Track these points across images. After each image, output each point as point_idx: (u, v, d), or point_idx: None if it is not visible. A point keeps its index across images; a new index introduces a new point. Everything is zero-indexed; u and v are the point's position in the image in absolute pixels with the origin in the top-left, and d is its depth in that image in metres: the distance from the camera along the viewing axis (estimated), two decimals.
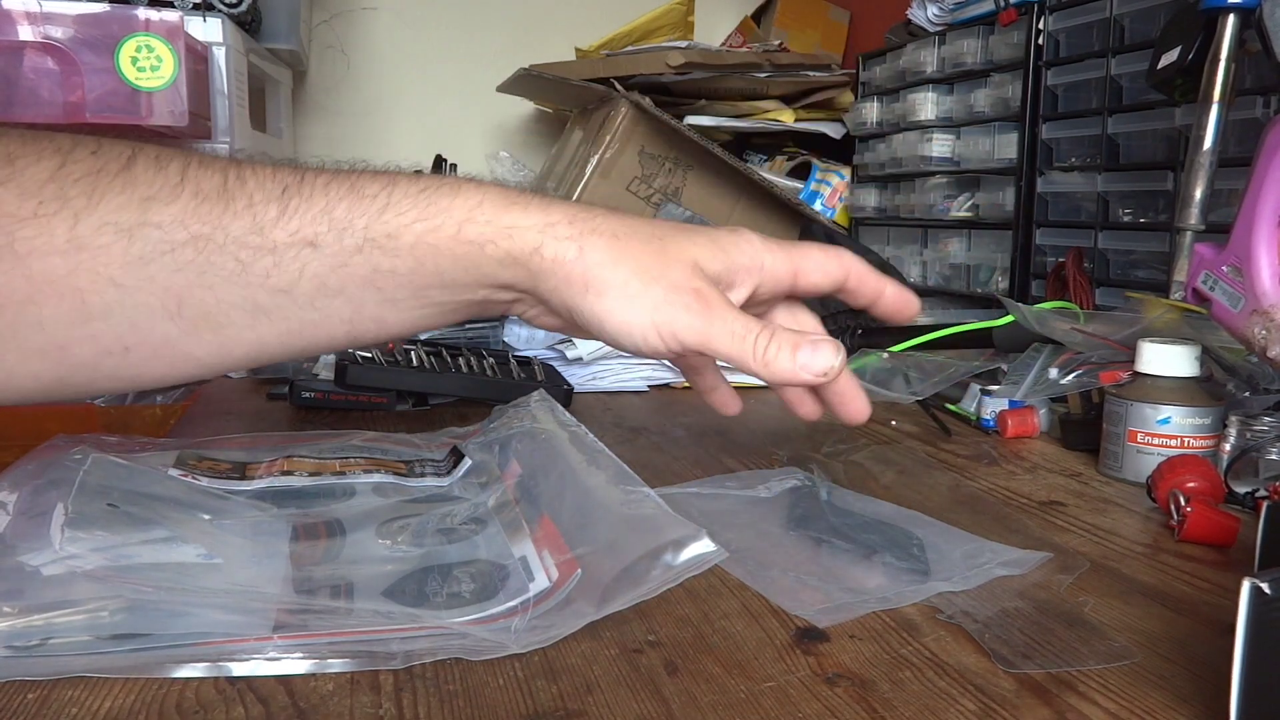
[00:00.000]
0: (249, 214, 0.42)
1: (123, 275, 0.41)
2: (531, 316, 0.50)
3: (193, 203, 0.41)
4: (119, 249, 0.40)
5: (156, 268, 0.41)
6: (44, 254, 0.39)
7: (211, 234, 0.41)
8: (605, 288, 0.45)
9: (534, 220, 0.45)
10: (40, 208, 0.39)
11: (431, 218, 0.44)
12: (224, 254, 0.41)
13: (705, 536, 0.45)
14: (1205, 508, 0.59)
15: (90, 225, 0.40)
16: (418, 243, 0.44)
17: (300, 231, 0.42)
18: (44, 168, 0.39)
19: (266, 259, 0.42)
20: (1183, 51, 0.80)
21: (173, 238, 0.41)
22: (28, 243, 0.39)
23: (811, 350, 0.47)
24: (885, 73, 1.61)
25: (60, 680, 0.40)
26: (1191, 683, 0.42)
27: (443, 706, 0.39)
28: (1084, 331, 0.87)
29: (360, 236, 0.43)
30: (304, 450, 0.69)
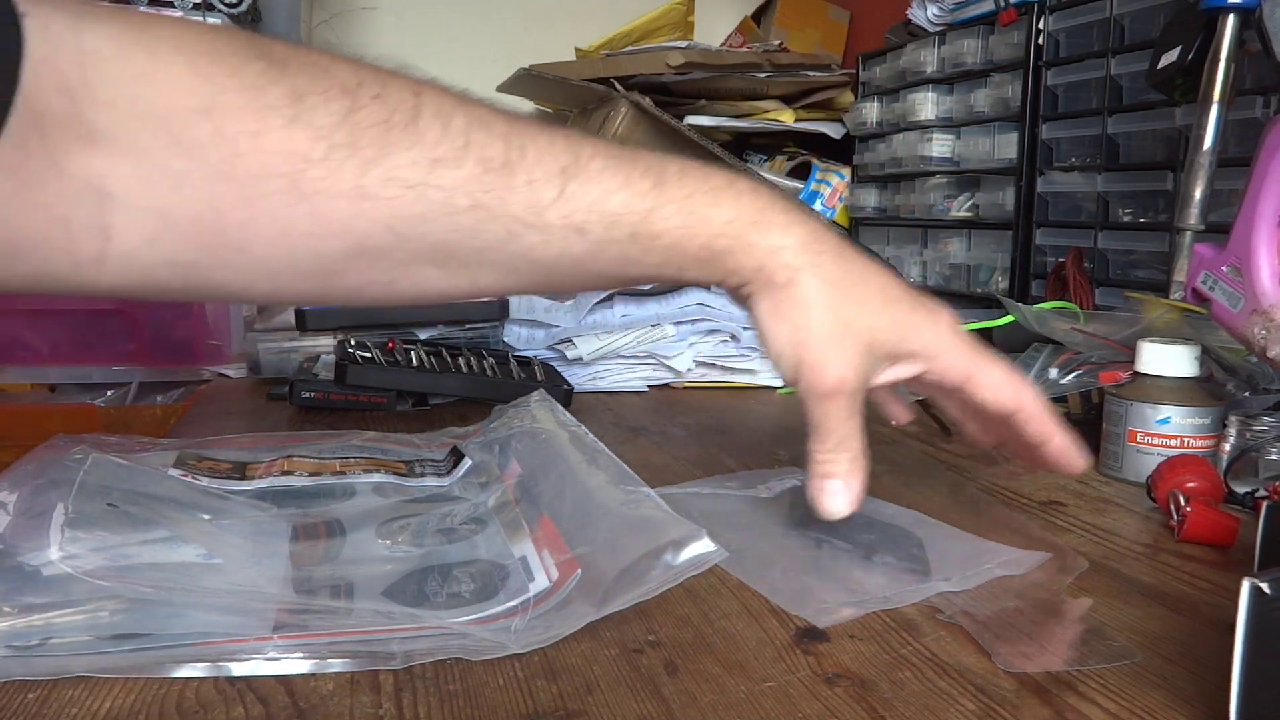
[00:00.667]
0: (528, 191, 0.44)
1: (402, 226, 0.42)
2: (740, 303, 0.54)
3: (477, 170, 0.43)
4: (402, 203, 0.42)
5: (434, 225, 0.43)
6: (329, 196, 0.40)
7: (490, 204, 0.43)
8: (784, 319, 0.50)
9: (771, 242, 0.49)
10: (331, 151, 0.40)
11: (692, 226, 0.48)
12: (498, 224, 0.44)
13: (705, 536, 0.45)
14: (1205, 508, 0.59)
15: (377, 177, 0.41)
16: (674, 245, 0.48)
17: (572, 217, 0.45)
18: (334, 110, 0.40)
19: (536, 235, 0.45)
20: (1183, 51, 0.80)
21: (455, 203, 0.43)
22: (315, 183, 0.40)
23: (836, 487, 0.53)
24: (885, 73, 1.61)
25: (60, 680, 0.40)
26: (1191, 683, 0.42)
27: (443, 706, 0.39)
28: (1084, 331, 0.87)
29: (625, 233, 0.46)
30: (304, 450, 0.69)
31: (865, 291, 0.51)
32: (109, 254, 0.39)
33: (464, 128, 0.43)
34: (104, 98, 0.36)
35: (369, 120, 0.40)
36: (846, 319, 0.50)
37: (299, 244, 0.41)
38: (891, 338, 0.52)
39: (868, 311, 0.51)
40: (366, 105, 0.41)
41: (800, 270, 0.50)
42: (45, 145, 0.36)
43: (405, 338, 1.01)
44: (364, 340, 0.95)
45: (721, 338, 1.07)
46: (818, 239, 0.51)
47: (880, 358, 0.52)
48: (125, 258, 0.39)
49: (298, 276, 0.43)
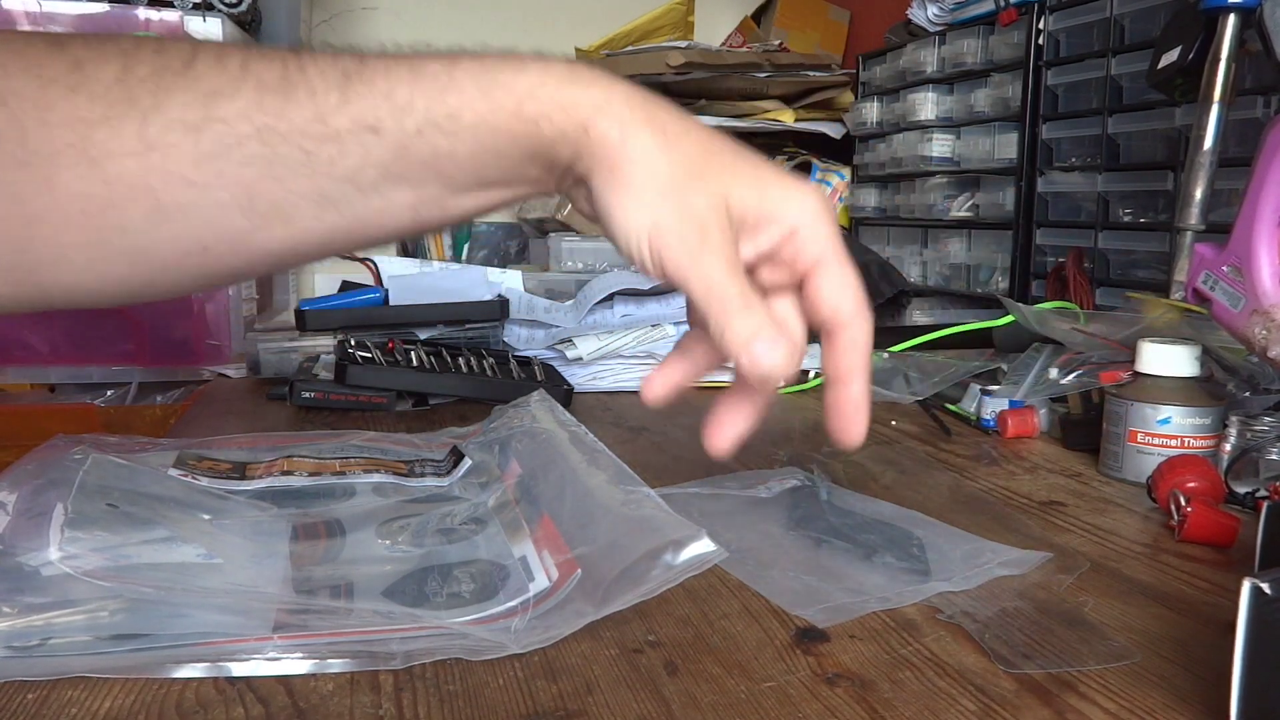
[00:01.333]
0: (311, 103, 0.42)
1: (194, 173, 0.41)
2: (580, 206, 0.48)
3: (255, 95, 0.41)
4: (188, 146, 0.41)
5: (225, 162, 0.42)
6: (117, 156, 0.40)
7: (275, 125, 0.42)
8: (627, 181, 0.44)
9: (593, 97, 0.44)
10: (110, 110, 0.40)
11: (493, 95, 0.43)
12: (289, 144, 0.42)
13: (705, 536, 0.45)
14: (1205, 508, 0.59)
15: (158, 125, 0.40)
16: (478, 122, 0.43)
17: (362, 117, 0.42)
18: (110, 70, 0.40)
19: (330, 147, 0.42)
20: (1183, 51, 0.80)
21: (238, 131, 0.41)
22: (101, 146, 0.40)
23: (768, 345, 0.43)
24: (885, 73, 1.60)
25: (60, 680, 0.40)
26: (1191, 683, 0.42)
27: (443, 706, 0.39)
28: (1084, 331, 0.87)
29: (421, 118, 0.43)
30: (304, 450, 0.69)
31: (714, 145, 0.45)
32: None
33: (241, 61, 0.42)
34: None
35: (144, 73, 0.40)
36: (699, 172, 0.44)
37: (102, 219, 0.41)
38: (752, 197, 0.45)
39: (721, 164, 0.45)
40: (143, 61, 0.40)
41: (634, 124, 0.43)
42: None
43: (405, 338, 1.01)
44: (364, 340, 0.95)
45: None
46: (650, 96, 0.45)
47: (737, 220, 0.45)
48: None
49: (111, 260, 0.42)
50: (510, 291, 1.13)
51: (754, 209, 0.45)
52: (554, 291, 1.20)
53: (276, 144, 0.42)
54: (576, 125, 0.43)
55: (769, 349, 0.43)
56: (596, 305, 1.08)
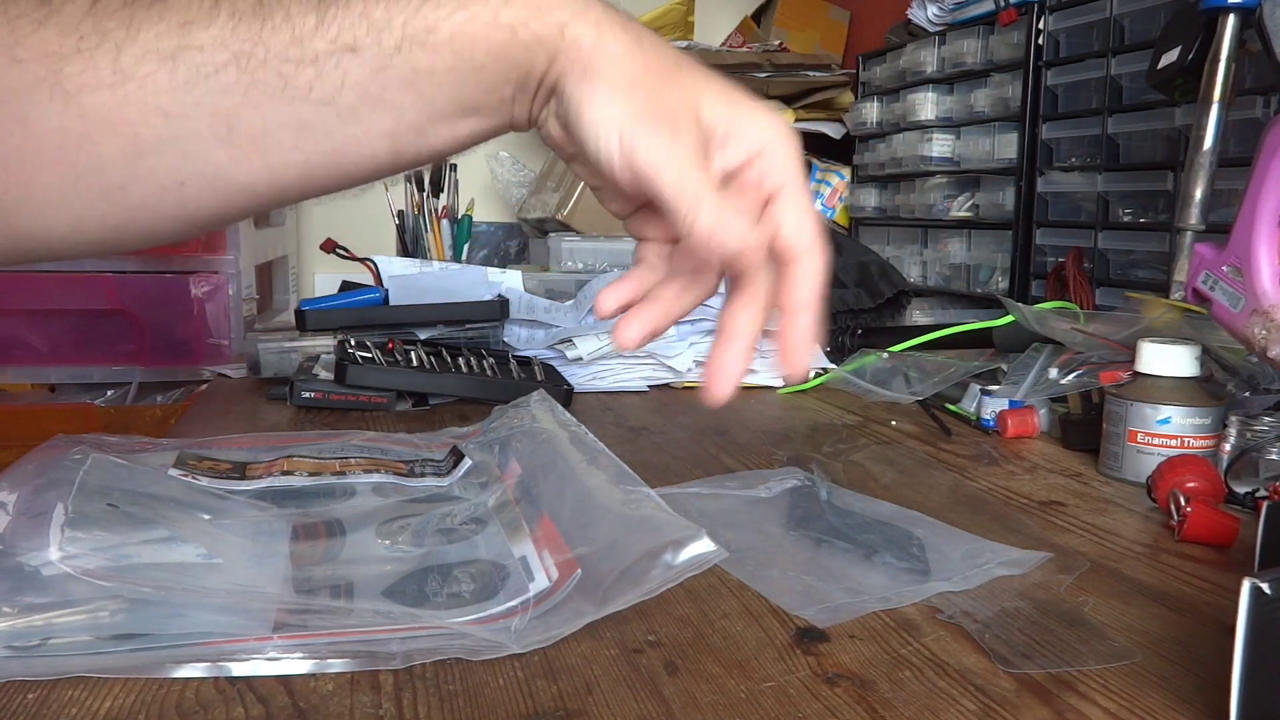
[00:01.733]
0: (287, 26, 0.41)
1: (170, 103, 0.41)
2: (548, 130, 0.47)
3: (230, 22, 0.41)
4: (164, 76, 0.40)
5: (202, 91, 0.41)
6: (92, 89, 0.40)
7: (252, 50, 0.41)
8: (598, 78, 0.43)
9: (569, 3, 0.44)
10: (81, 42, 0.39)
11: (470, 6, 0.43)
12: (266, 70, 0.41)
13: (705, 536, 0.45)
14: (1205, 508, 0.59)
15: (132, 55, 0.40)
16: (456, 34, 0.43)
17: (339, 37, 0.42)
18: (79, 3, 0.40)
19: (308, 70, 0.42)
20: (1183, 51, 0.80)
21: (214, 59, 0.41)
22: (75, 79, 0.39)
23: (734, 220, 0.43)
24: (885, 73, 1.61)
25: (60, 680, 0.40)
26: (1191, 683, 0.42)
27: (443, 706, 0.39)
28: (1084, 331, 0.87)
29: (399, 34, 0.42)
30: (304, 450, 0.69)
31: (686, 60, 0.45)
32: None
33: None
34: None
35: (115, 5, 0.40)
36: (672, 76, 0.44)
37: (78, 156, 0.40)
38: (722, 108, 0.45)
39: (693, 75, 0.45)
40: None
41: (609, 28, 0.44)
42: None
43: (405, 338, 1.01)
44: (364, 340, 0.95)
45: None
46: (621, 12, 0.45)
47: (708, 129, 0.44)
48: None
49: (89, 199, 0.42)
50: (510, 291, 1.13)
51: (724, 120, 0.45)
52: (554, 291, 1.20)
53: (254, 70, 0.41)
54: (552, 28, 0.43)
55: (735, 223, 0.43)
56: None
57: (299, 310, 1.03)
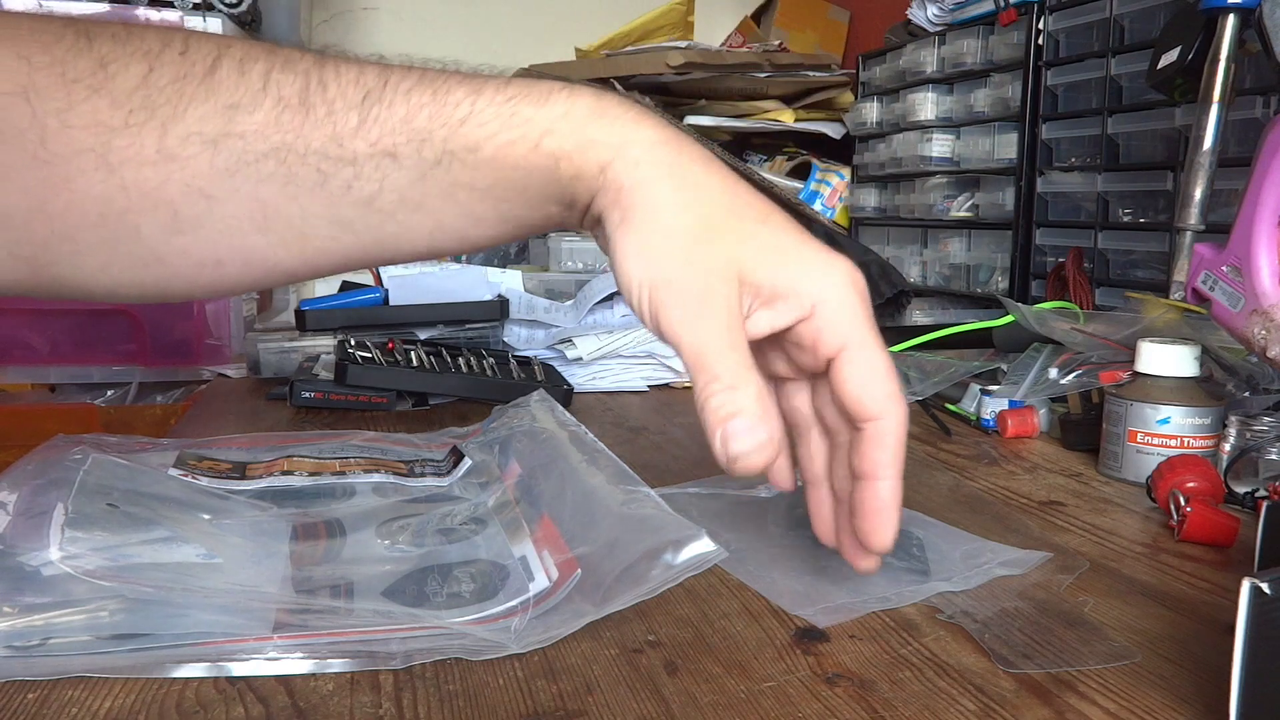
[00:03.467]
0: (329, 123, 0.41)
1: (211, 187, 0.41)
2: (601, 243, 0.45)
3: (274, 111, 0.41)
4: (205, 160, 0.40)
5: (242, 179, 0.41)
6: (136, 165, 0.40)
7: (293, 144, 0.41)
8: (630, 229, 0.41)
9: (614, 137, 0.42)
10: (130, 117, 0.39)
11: (513, 129, 0.41)
12: (305, 165, 0.41)
13: (705, 536, 0.45)
14: (1205, 508, 0.59)
15: (177, 135, 0.40)
16: (497, 156, 0.41)
17: (380, 142, 0.41)
18: (133, 74, 0.39)
19: (347, 170, 0.41)
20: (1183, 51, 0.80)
21: (255, 148, 0.41)
22: (120, 153, 0.39)
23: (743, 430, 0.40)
24: (885, 73, 1.61)
25: (60, 680, 0.40)
26: (1191, 683, 0.42)
27: (443, 706, 0.39)
28: (1084, 331, 0.87)
29: (439, 149, 0.41)
30: (304, 450, 0.69)
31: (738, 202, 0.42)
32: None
33: (264, 72, 0.41)
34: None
35: (165, 79, 0.40)
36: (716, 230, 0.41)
37: (119, 224, 0.41)
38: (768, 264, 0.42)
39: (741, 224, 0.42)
40: (168, 63, 0.40)
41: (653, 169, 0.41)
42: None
43: (405, 338, 1.01)
44: (364, 340, 0.95)
45: None
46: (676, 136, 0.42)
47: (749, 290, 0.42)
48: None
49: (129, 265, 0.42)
50: (510, 291, 1.13)
51: (769, 279, 0.42)
52: (554, 291, 1.20)
53: (293, 164, 0.41)
54: (594, 166, 0.42)
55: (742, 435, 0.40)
56: (596, 305, 1.08)
57: (299, 310, 1.03)
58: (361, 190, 0.42)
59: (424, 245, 0.44)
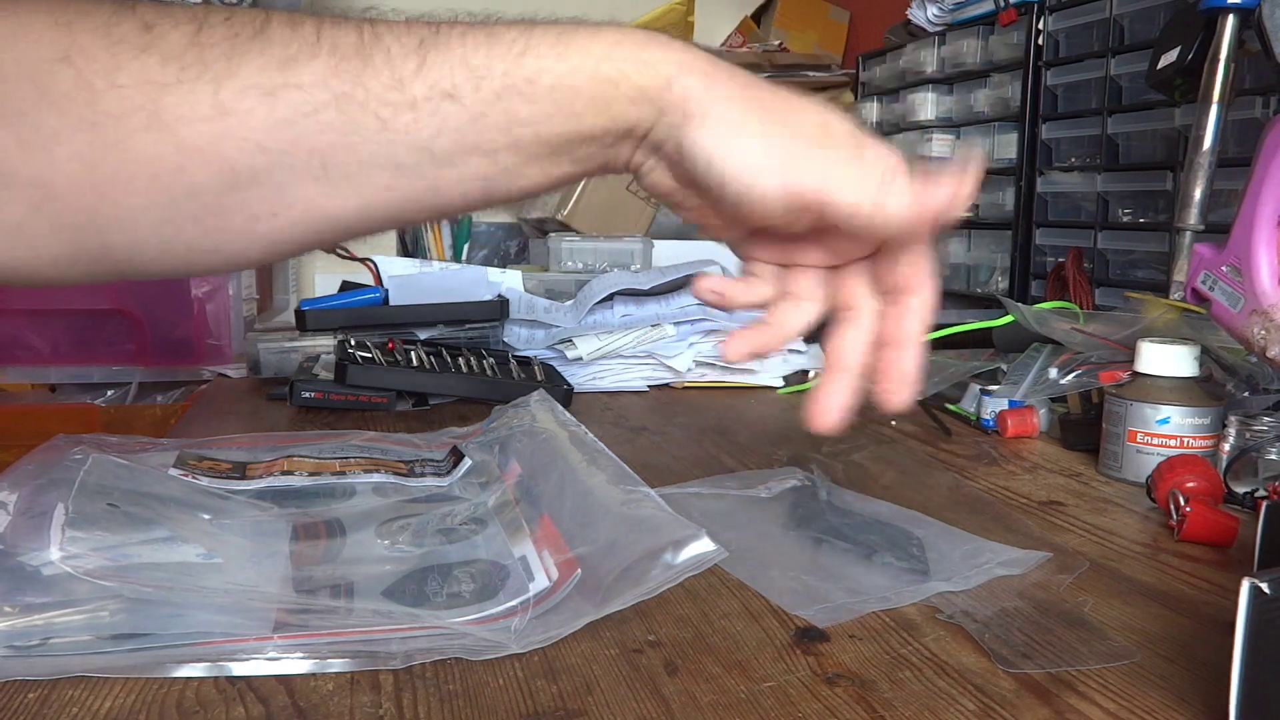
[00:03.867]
0: (388, 69, 0.41)
1: (267, 139, 0.41)
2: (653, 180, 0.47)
3: (332, 60, 0.41)
4: (263, 112, 0.40)
5: (300, 129, 0.41)
6: (190, 121, 0.40)
7: (352, 91, 0.41)
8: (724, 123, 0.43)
9: (672, 56, 0.43)
10: (182, 73, 0.39)
11: (570, 57, 0.43)
12: (365, 111, 0.42)
13: (705, 536, 0.45)
14: (1205, 508, 0.59)
15: (233, 89, 0.40)
16: (556, 85, 0.43)
17: (439, 83, 0.42)
18: (182, 33, 0.39)
19: (407, 114, 0.42)
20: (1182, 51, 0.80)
21: (315, 98, 0.41)
22: (173, 109, 0.39)
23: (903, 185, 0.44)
24: (885, 73, 1.61)
25: (60, 680, 0.40)
26: (1191, 682, 0.42)
27: (443, 706, 0.39)
28: (1084, 331, 0.87)
29: (499, 83, 0.42)
30: (304, 450, 0.69)
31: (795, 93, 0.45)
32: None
33: (315, 26, 0.41)
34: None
35: (216, 37, 0.40)
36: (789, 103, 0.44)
37: (172, 183, 0.40)
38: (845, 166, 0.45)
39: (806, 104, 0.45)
40: (215, 25, 0.40)
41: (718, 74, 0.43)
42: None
43: (405, 338, 1.01)
44: (364, 340, 0.95)
45: (721, 338, 1.07)
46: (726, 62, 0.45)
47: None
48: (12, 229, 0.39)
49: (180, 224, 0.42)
50: (510, 291, 1.13)
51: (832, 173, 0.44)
52: (554, 291, 1.20)
53: (353, 111, 0.41)
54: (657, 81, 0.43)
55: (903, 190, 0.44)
56: (596, 305, 1.08)
57: (299, 310, 1.03)
58: (420, 134, 0.42)
59: (477, 191, 0.45)
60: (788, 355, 1.09)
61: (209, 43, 0.40)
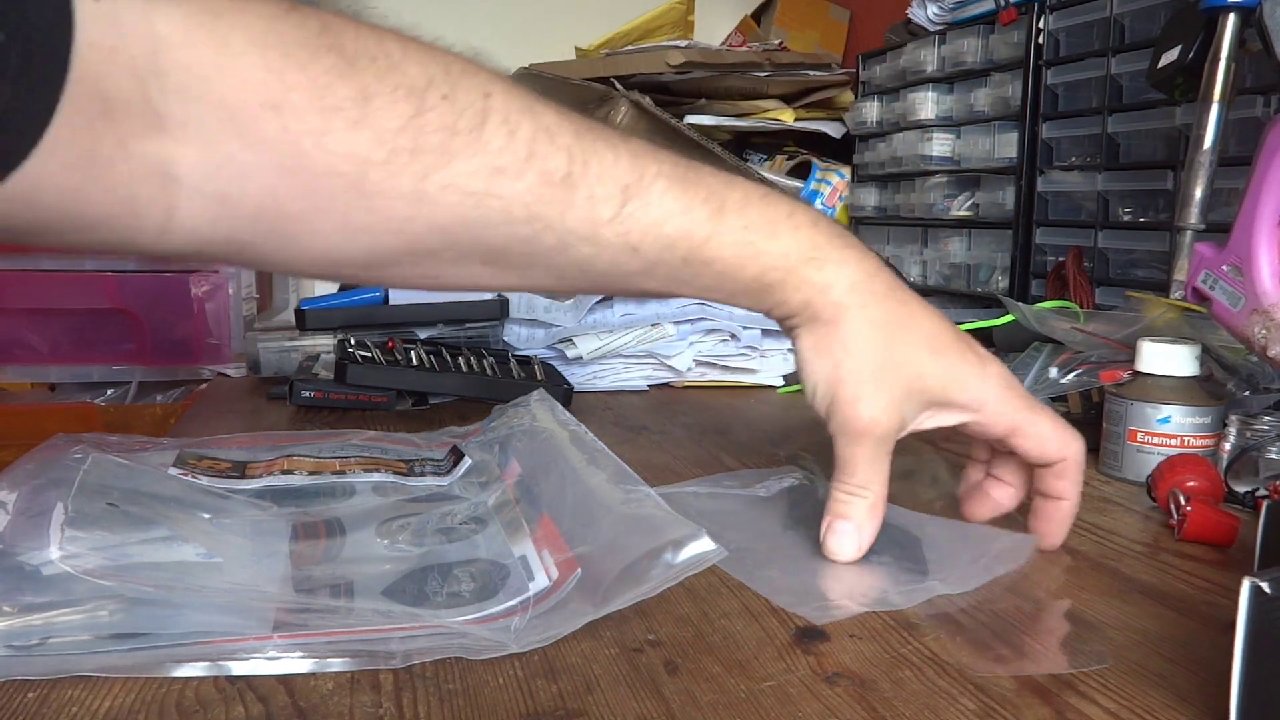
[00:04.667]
0: (588, 208, 0.44)
1: (458, 231, 0.43)
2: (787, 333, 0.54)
3: (537, 183, 0.43)
4: (460, 210, 0.42)
5: (489, 232, 0.43)
6: (389, 197, 0.41)
7: (549, 219, 0.44)
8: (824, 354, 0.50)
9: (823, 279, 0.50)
10: (394, 155, 0.40)
11: (744, 257, 0.48)
12: (553, 235, 0.45)
13: (705, 536, 0.45)
14: (1205, 507, 0.59)
15: (438, 182, 0.41)
16: (724, 273, 0.49)
17: (628, 236, 0.46)
18: (400, 113, 0.40)
19: (589, 248, 0.45)
20: (1183, 51, 0.80)
21: (512, 213, 0.43)
22: (376, 185, 0.41)
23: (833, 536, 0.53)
24: (885, 72, 1.61)
25: (60, 680, 0.40)
26: (1191, 682, 0.42)
27: (443, 706, 0.39)
28: (1084, 331, 0.87)
29: (678, 259, 0.47)
30: (304, 450, 0.69)
31: (913, 336, 0.51)
32: (171, 230, 0.40)
33: (529, 138, 0.43)
34: (174, 86, 0.37)
35: (434, 125, 0.41)
36: (889, 362, 0.50)
37: (354, 238, 0.42)
38: (935, 385, 0.52)
39: (913, 357, 0.51)
40: (434, 108, 0.41)
41: (848, 309, 0.50)
42: (114, 128, 0.36)
43: (405, 337, 1.01)
44: (364, 340, 0.95)
45: (721, 337, 1.07)
46: (870, 278, 0.51)
47: (922, 405, 0.52)
48: (186, 235, 0.40)
49: (350, 265, 0.45)
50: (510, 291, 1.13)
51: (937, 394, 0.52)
52: None
53: (542, 232, 0.44)
54: (801, 300, 0.50)
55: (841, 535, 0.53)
56: (596, 304, 1.08)
57: (299, 309, 1.03)
58: (595, 265, 0.46)
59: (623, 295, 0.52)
60: (788, 354, 1.09)
61: (427, 130, 0.40)
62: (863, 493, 0.52)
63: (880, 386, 0.50)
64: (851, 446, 0.51)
